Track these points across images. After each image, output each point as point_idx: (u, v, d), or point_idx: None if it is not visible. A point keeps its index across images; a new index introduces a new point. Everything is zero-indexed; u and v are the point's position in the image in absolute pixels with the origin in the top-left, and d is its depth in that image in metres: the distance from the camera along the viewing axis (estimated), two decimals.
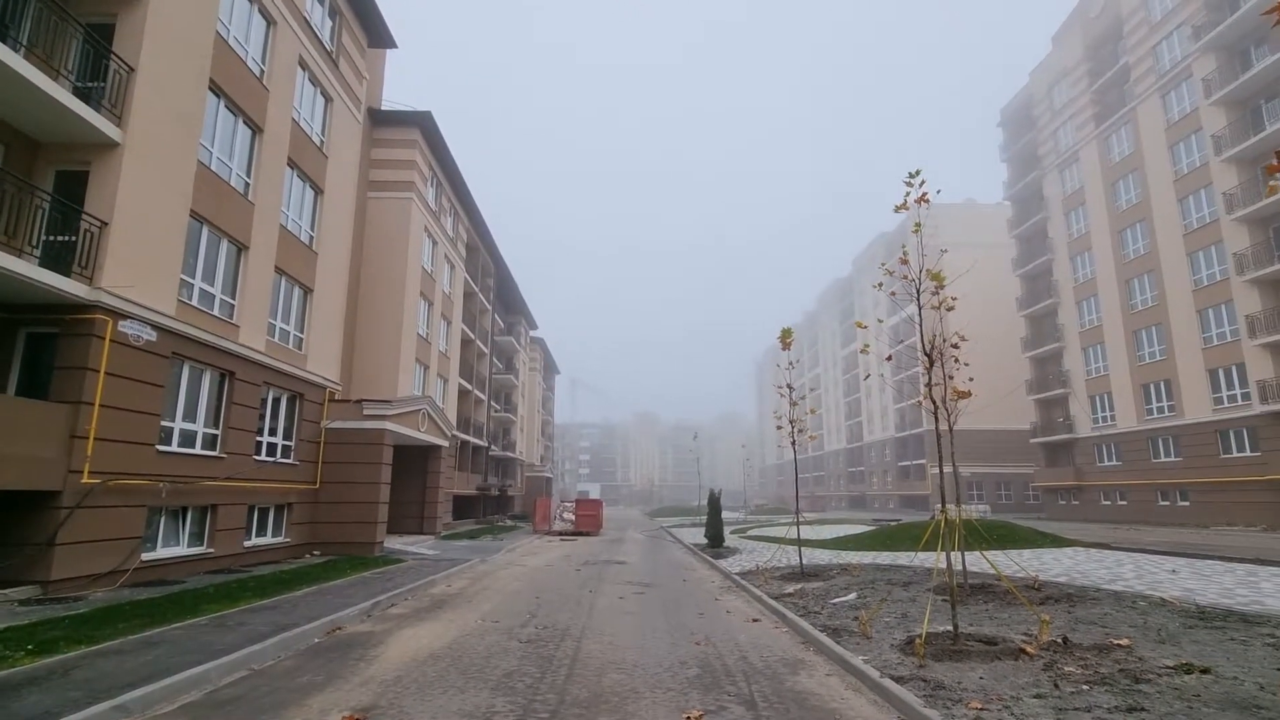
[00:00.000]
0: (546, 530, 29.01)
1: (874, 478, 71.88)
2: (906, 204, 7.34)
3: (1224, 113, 30.15)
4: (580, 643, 7.49)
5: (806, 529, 25.37)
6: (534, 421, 58.34)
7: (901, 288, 7.53)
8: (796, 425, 12.71)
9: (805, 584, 11.64)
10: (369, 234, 23.69)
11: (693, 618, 9.13)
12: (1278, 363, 27.63)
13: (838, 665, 6.39)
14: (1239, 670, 5.54)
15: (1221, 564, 13.57)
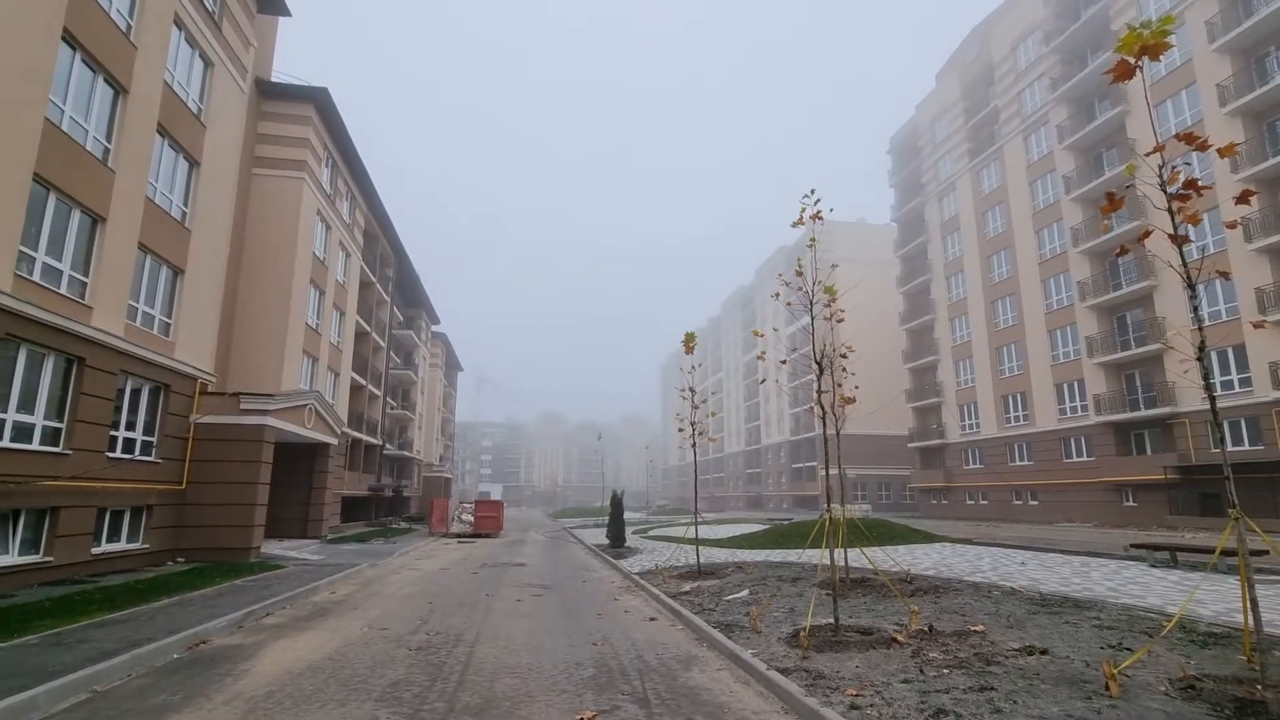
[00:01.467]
0: (444, 532, 28.00)
1: (770, 479, 75.07)
2: (802, 219, 7.75)
3: (1073, 157, 34.13)
4: (474, 648, 7.28)
5: (705, 528, 26.08)
6: (434, 419, 56.14)
7: (797, 299, 7.94)
8: (698, 428, 13.04)
9: (702, 582, 11.95)
10: (254, 214, 21.90)
11: (591, 618, 9.13)
12: (1110, 379, 31.57)
13: (729, 660, 6.61)
14: (1071, 650, 6.26)
15: (1061, 556, 15.33)
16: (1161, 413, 28.51)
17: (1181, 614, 7.37)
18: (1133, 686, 5.00)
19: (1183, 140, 4.99)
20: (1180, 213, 4.94)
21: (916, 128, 49.91)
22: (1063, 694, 4.90)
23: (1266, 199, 24.54)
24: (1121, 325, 31.46)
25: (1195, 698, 4.71)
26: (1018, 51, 39.08)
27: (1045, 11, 36.54)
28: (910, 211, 50.22)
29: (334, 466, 23.78)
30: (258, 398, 16.87)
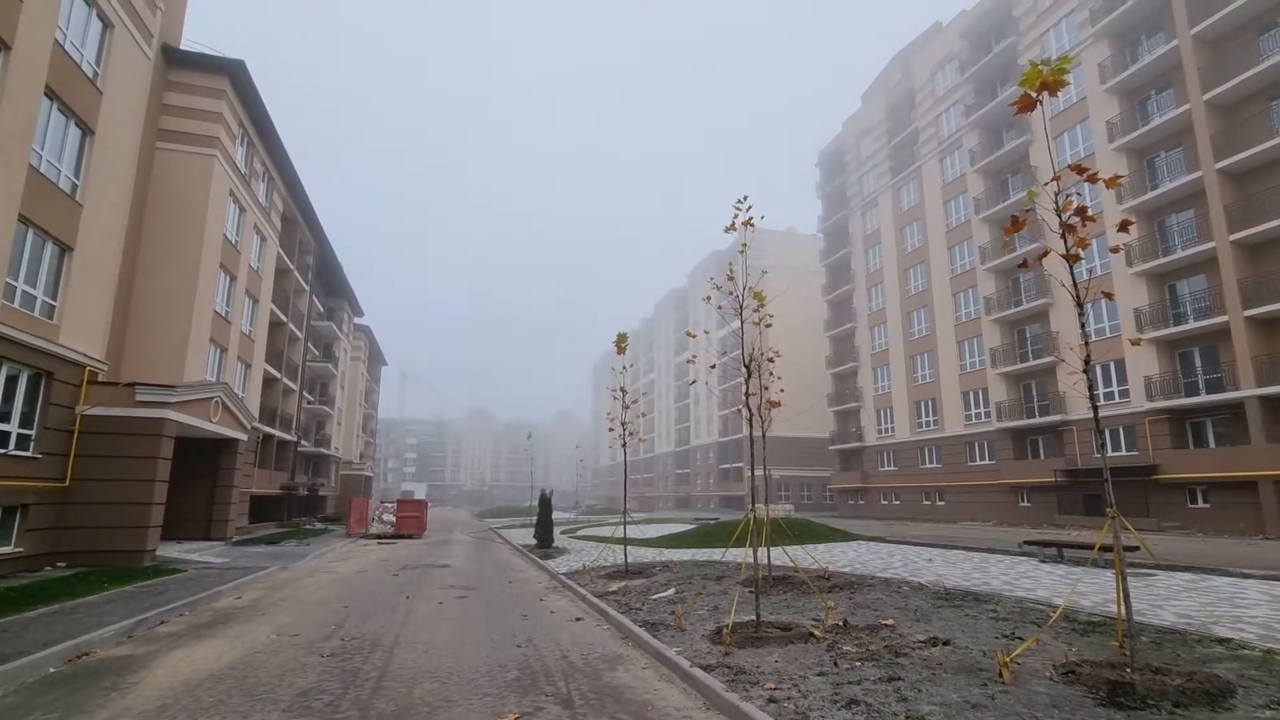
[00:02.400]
0: (363, 533, 26.87)
1: (699, 479, 76.33)
2: (734, 225, 7.94)
3: (983, 180, 36.56)
4: (392, 653, 7.03)
5: (634, 528, 26.22)
6: (354, 415, 53.75)
7: (729, 303, 8.13)
8: (628, 428, 13.11)
9: (629, 581, 12.02)
10: (158, 190, 20.30)
11: (516, 620, 9.00)
12: (1010, 388, 34.00)
13: (654, 658, 6.68)
14: (970, 641, 6.70)
15: (964, 553, 16.37)
16: (1053, 420, 30.97)
17: (1065, 605, 8.05)
18: (1023, 673, 5.41)
19: (1076, 171, 5.44)
20: (1072, 237, 5.40)
21: (843, 144, 52.08)
22: (962, 682, 5.24)
23: (1145, 228, 27.13)
24: (1021, 338, 33.96)
25: (1075, 681, 5.15)
26: (936, 78, 41.50)
27: (961, 43, 38.97)
28: (836, 223, 52.35)
29: (243, 464, 22.36)
30: (156, 389, 15.64)
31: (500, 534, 28.98)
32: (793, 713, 4.61)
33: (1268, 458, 22.07)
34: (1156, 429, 26.31)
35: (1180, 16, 25.96)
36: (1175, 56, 26.28)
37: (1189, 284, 26.07)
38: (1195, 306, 25.59)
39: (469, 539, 27.41)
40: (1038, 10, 33.72)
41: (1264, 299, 22.76)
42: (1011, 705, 4.64)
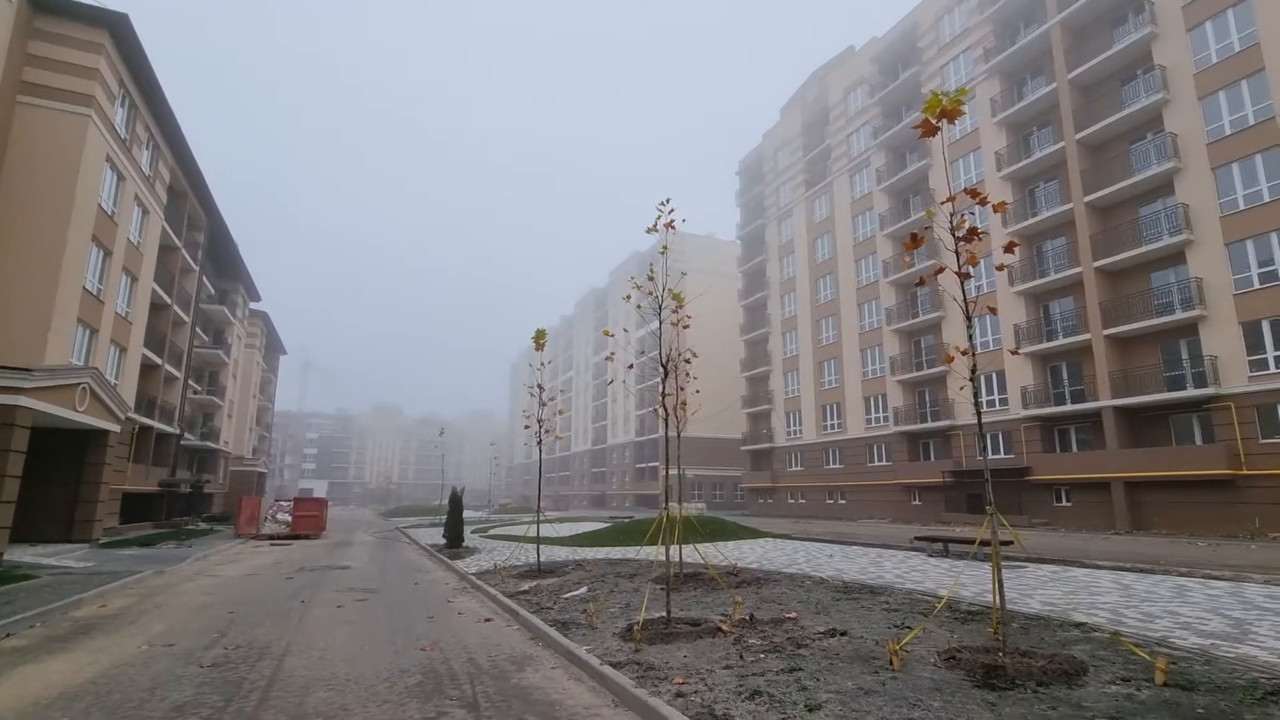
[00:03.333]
0: (254, 534, 25.06)
1: (615, 478, 76.61)
2: (656, 226, 8.03)
3: (888, 198, 38.90)
4: (283, 661, 6.60)
5: (548, 527, 25.94)
6: (247, 407, 50.02)
7: (648, 303, 8.21)
8: (544, 425, 12.96)
9: (541, 581, 11.88)
10: (19, 149, 18.08)
11: (421, 622, 8.68)
12: (906, 395, 36.36)
13: (563, 658, 6.64)
14: (865, 631, 7.10)
15: (861, 549, 17.34)
16: (943, 425, 33.42)
17: (949, 596, 8.69)
18: (911, 660, 5.79)
19: (969, 194, 5.90)
20: (964, 255, 5.84)
21: (762, 155, 53.86)
22: (857, 670, 5.55)
23: (1026, 252, 29.80)
24: (917, 348, 36.41)
25: (956, 666, 5.57)
26: (849, 99, 43.75)
27: (872, 68, 41.28)
28: (753, 231, 54.06)
29: (114, 457, 20.29)
30: (9, 372, 13.90)
31: (407, 534, 27.88)
32: (699, 706, 4.71)
33: (1118, 461, 24.80)
34: (1029, 434, 28.95)
35: (1059, 62, 28.71)
36: (1054, 98, 29.03)
37: (1060, 304, 28.87)
38: (1064, 325, 28.37)
39: (373, 539, 26.19)
40: (939, 44, 36.27)
41: (1120, 320, 25.57)
42: (900, 690, 4.96)
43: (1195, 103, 23.90)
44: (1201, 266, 23.24)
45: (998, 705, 4.58)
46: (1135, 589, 9.99)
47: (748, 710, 4.60)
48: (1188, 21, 24.41)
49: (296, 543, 23.48)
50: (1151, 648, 6.05)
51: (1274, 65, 21.71)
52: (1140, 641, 6.38)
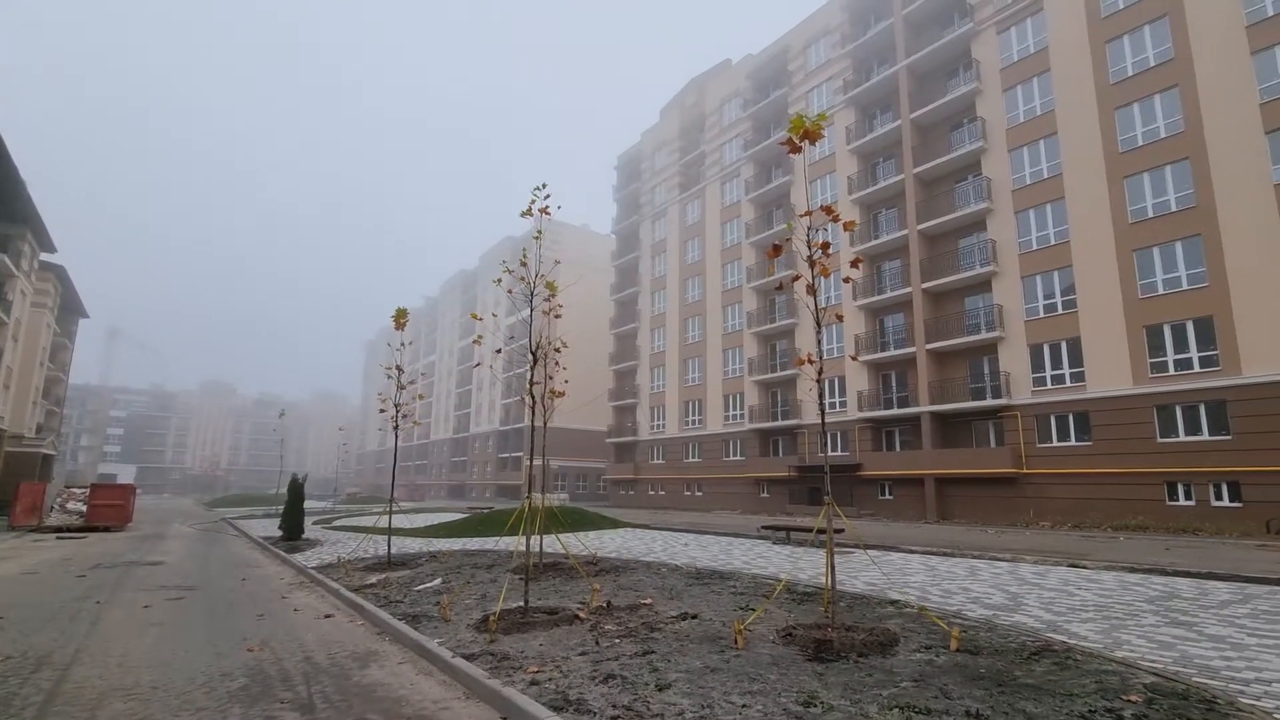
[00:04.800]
0: (37, 526, 21.32)
1: (476, 468, 74.34)
2: (531, 211, 7.91)
3: (754, 208, 41.26)
4: (69, 671, 5.70)
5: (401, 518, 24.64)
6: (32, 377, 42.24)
7: (520, 289, 8.07)
8: (402, 410, 12.29)
9: (391, 573, 11.27)
10: None
11: (249, 622, 7.89)
12: (762, 394, 38.87)
13: (413, 652, 6.36)
14: (714, 614, 7.53)
15: (714, 538, 18.32)
16: (791, 423, 36.16)
17: (788, 580, 9.46)
18: (754, 638, 6.24)
19: (825, 212, 6.44)
20: (817, 267, 6.36)
21: (641, 153, 54.75)
22: (705, 650, 5.87)
23: (868, 270, 33.01)
24: (773, 351, 39.04)
25: (791, 642, 6.09)
26: (724, 109, 45.76)
27: (746, 83, 43.50)
28: (628, 227, 54.86)
29: None
30: None
31: (235, 526, 25.14)
32: (553, 692, 4.74)
33: (931, 460, 28.32)
34: (862, 434, 32.18)
35: (904, 103, 32.08)
36: (898, 134, 32.40)
37: (893, 319, 32.34)
38: (896, 338, 31.83)
39: (193, 532, 23.34)
40: (806, 70, 39.05)
41: (939, 337, 29.16)
42: (742, 666, 5.33)
43: (1006, 154, 27.81)
44: (1002, 295, 27.13)
45: (825, 675, 5.07)
46: (939, 570, 11.49)
47: (601, 693, 4.71)
48: (1004, 83, 28.32)
49: (94, 536, 20.33)
50: (949, 619, 7.00)
51: (1065, 130, 25.81)
52: (941, 614, 7.36)
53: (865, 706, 4.34)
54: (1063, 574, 10.88)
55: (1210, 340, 21.19)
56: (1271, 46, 20.88)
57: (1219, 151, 21.54)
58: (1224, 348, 20.81)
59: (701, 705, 4.42)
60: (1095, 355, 23.86)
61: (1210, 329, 21.23)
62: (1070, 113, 25.75)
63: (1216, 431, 20.84)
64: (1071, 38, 26.11)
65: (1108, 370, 23.44)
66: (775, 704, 4.42)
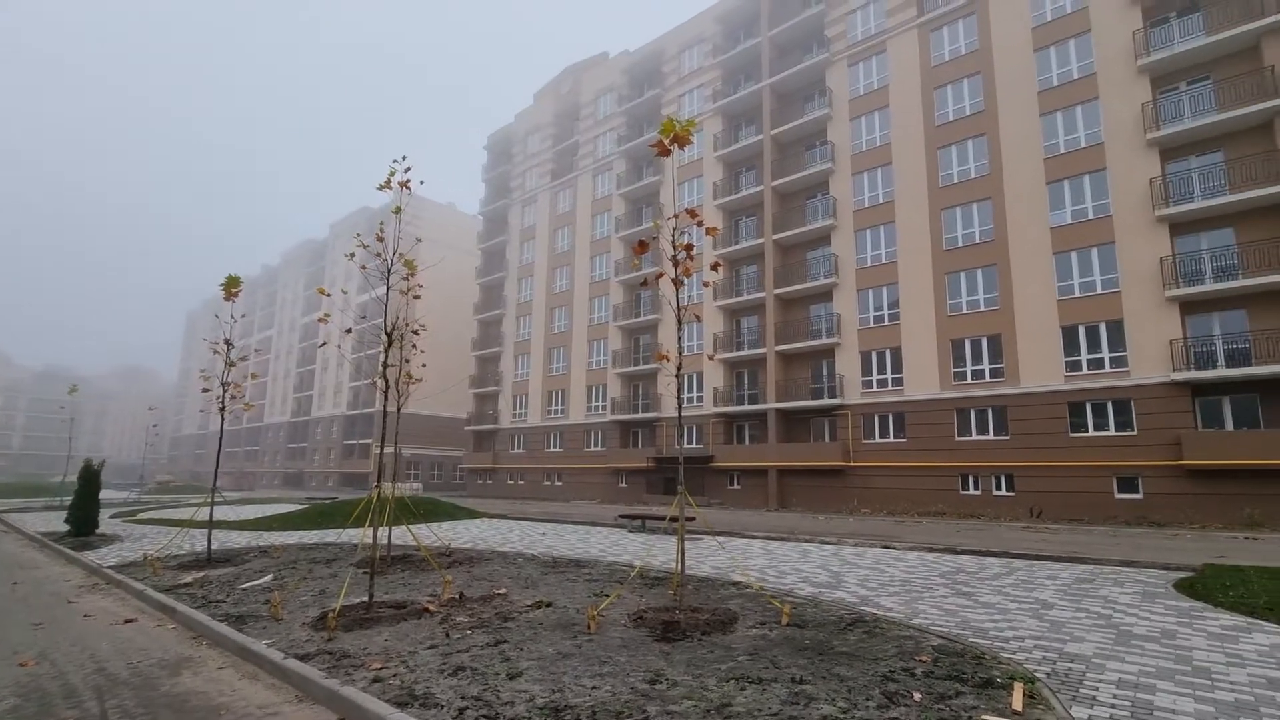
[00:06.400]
0: None
1: (318, 455, 68.48)
2: (390, 184, 7.49)
3: (625, 203, 41.93)
4: None
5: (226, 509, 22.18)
6: None
7: (376, 266, 7.60)
8: (229, 389, 11.07)
9: (211, 571, 10.14)
10: None
11: (22, 632, 6.74)
12: (624, 386, 39.70)
13: (236, 655, 5.81)
14: (569, 601, 7.65)
15: (572, 527, 18.49)
16: (652, 416, 37.34)
17: (642, 565, 9.84)
18: (606, 623, 6.44)
19: (689, 214, 6.76)
20: (680, 266, 6.68)
21: (513, 135, 53.30)
22: (558, 637, 5.97)
23: (728, 273, 34.90)
24: (637, 345, 40.00)
25: (642, 625, 6.36)
26: (599, 102, 45.91)
27: (622, 79, 43.97)
28: (497, 210, 53.25)
29: None
30: None
31: (4, 519, 21.12)
32: (398, 688, 4.59)
33: (775, 453, 30.66)
34: (716, 428, 34.04)
35: (766, 119, 34.25)
36: (760, 147, 34.54)
37: (748, 321, 34.49)
38: (750, 338, 33.99)
39: None
40: (679, 74, 40.31)
41: (788, 340, 31.60)
42: (593, 650, 5.49)
43: (850, 177, 30.71)
44: (842, 305, 29.97)
45: (671, 653, 5.38)
46: (776, 553, 12.54)
47: (449, 686, 4.64)
48: (851, 112, 31.21)
49: None
50: (782, 597, 7.68)
51: (898, 162, 29.01)
52: (775, 593, 8.06)
53: (705, 680, 4.68)
54: (877, 554, 12.34)
55: (999, 355, 24.98)
56: (1054, 111, 24.95)
57: (1013, 195, 25.39)
58: (1008, 362, 24.63)
59: (553, 690, 4.51)
60: (912, 363, 27.16)
61: (999, 345, 25.01)
62: (902, 147, 28.99)
63: (999, 432, 24.64)
64: (906, 79, 29.37)
65: (921, 377, 26.79)
66: (624, 683, 4.62)
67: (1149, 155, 22.46)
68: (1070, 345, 23.42)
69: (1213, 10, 22.32)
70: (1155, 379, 21.36)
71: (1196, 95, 22.42)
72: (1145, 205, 22.24)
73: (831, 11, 32.89)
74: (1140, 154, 22.63)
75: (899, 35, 29.99)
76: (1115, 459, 21.85)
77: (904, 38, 29.80)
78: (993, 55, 26.83)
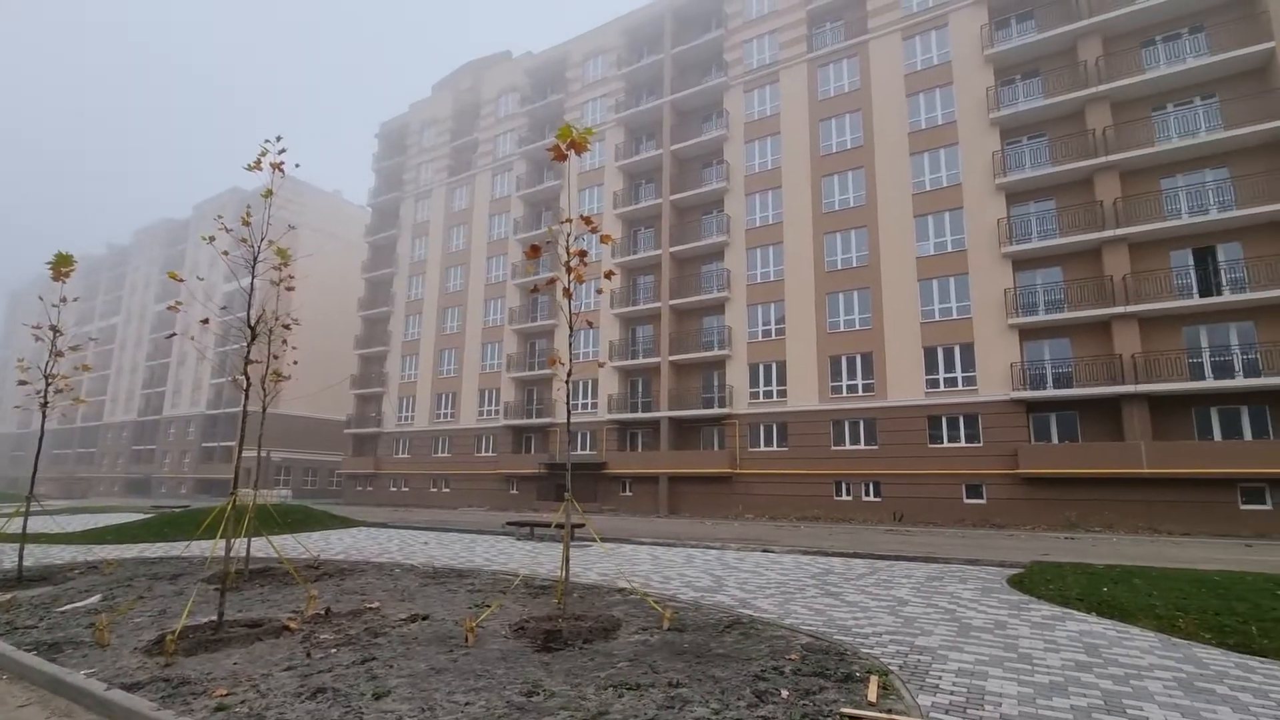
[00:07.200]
0: None
1: (171, 458, 61.45)
2: (260, 164, 6.91)
3: (524, 205, 41.35)
4: None
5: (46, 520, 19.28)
6: None
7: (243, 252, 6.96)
8: (53, 382, 9.69)
9: (21, 592, 8.77)
10: None
11: None
12: (518, 391, 38.95)
13: (45, 690, 5.06)
14: (447, 613, 7.35)
15: (457, 535, 17.83)
16: (545, 421, 36.88)
17: (528, 574, 9.65)
18: (486, 635, 6.24)
19: (584, 221, 6.78)
20: (573, 272, 6.67)
21: (408, 125, 50.91)
22: (433, 651, 5.71)
23: (626, 281, 35.32)
24: (532, 349, 39.43)
25: (523, 635, 6.23)
26: (501, 101, 45.01)
27: (525, 80, 43.44)
28: (388, 202, 50.60)
29: None
30: None
31: None
32: (246, 716, 4.19)
33: (667, 460, 31.29)
34: (610, 435, 34.21)
35: (666, 134, 35.15)
36: (660, 161, 35.37)
37: (644, 329, 35.05)
38: (645, 347, 34.55)
39: None
40: (584, 81, 40.46)
41: (681, 350, 32.44)
42: (470, 664, 5.30)
43: (743, 197, 32.16)
44: (732, 318, 31.23)
45: (551, 663, 5.31)
46: (662, 559, 12.76)
47: (306, 710, 4.30)
48: (746, 135, 32.75)
49: None
50: (665, 603, 7.82)
51: (787, 186, 30.74)
52: (659, 598, 8.19)
53: (584, 689, 4.65)
54: (757, 558, 12.90)
55: (870, 371, 27.04)
56: (922, 151, 27.51)
57: (886, 225, 27.67)
58: (878, 378, 26.72)
59: (422, 708, 4.30)
60: (795, 376, 28.77)
61: (870, 362, 27.09)
62: (791, 172, 30.79)
63: (869, 442, 26.63)
64: (796, 110, 31.27)
65: (803, 390, 28.44)
66: (499, 697, 4.50)
67: (997, 198, 25.32)
68: (930, 364, 25.81)
69: (1050, 76, 25.61)
70: (998, 397, 24.00)
71: (1036, 149, 25.57)
72: (994, 242, 25.02)
73: (731, 38, 34.37)
74: (991, 196, 25.46)
75: (791, 67, 31.87)
76: (965, 468, 24.28)
77: (795, 70, 31.70)
78: (872, 95, 29.17)
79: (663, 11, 37.08)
